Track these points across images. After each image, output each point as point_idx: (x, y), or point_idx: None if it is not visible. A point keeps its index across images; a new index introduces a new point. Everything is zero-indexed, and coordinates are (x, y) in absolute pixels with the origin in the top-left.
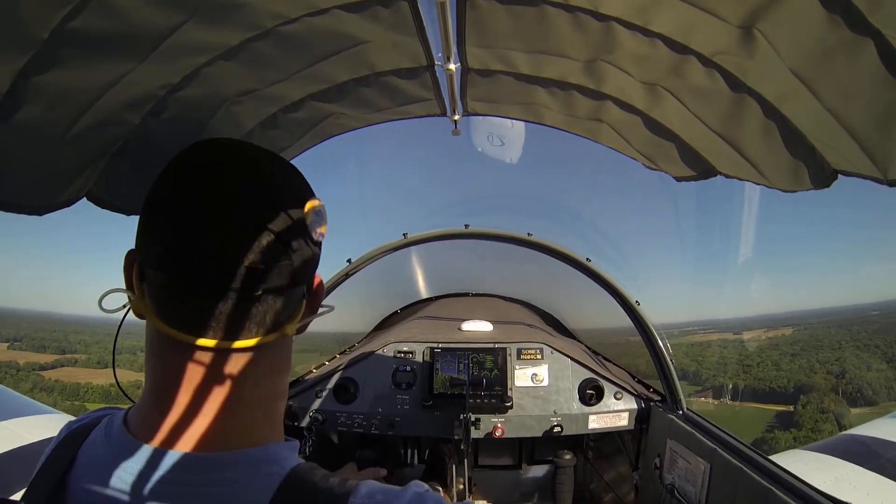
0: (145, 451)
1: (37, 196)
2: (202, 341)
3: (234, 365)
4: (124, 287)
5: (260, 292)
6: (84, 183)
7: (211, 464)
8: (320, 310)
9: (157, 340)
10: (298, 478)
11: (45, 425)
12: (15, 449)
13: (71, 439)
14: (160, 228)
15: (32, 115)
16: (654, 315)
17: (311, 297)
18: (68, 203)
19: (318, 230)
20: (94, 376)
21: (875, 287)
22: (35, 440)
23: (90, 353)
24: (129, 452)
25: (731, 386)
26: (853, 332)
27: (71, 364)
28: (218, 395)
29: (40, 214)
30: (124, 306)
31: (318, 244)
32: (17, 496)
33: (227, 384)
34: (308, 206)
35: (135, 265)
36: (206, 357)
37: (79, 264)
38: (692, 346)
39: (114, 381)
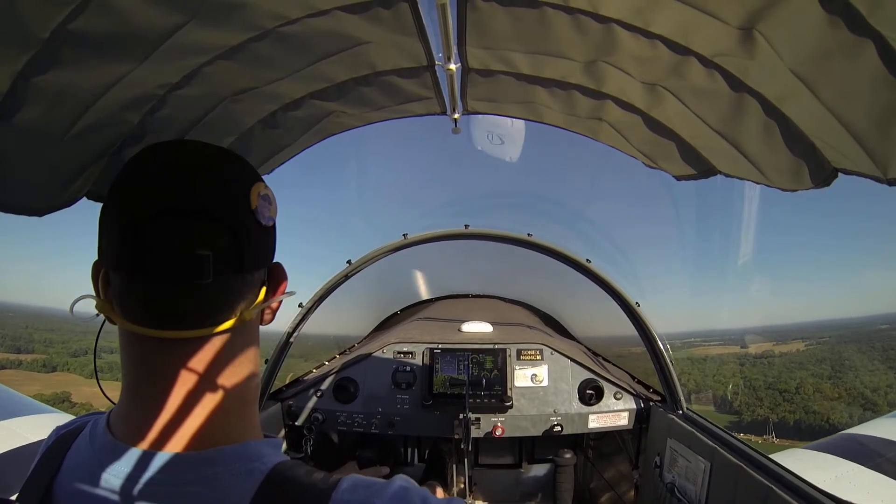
0: (126, 453)
1: (37, 196)
2: (157, 332)
3: (197, 356)
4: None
5: (209, 280)
6: (84, 183)
7: (189, 463)
8: (280, 296)
9: (126, 340)
10: (281, 474)
11: (46, 425)
12: (15, 449)
13: (58, 444)
14: (110, 228)
15: (32, 115)
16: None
17: (272, 283)
18: (68, 203)
19: (267, 214)
20: (27, 382)
21: (874, 298)
22: (35, 440)
23: (48, 354)
24: (111, 454)
25: (775, 419)
26: (879, 350)
27: (13, 366)
28: (185, 390)
29: (40, 215)
30: (97, 314)
31: (268, 228)
32: (17, 496)
33: (192, 377)
34: (254, 190)
35: (101, 272)
36: (168, 351)
37: (79, 261)
38: (703, 361)
39: (43, 392)
